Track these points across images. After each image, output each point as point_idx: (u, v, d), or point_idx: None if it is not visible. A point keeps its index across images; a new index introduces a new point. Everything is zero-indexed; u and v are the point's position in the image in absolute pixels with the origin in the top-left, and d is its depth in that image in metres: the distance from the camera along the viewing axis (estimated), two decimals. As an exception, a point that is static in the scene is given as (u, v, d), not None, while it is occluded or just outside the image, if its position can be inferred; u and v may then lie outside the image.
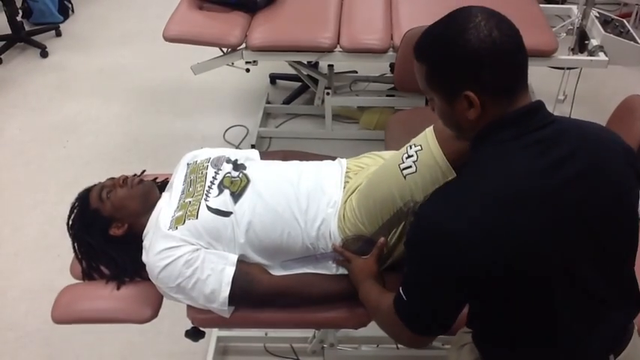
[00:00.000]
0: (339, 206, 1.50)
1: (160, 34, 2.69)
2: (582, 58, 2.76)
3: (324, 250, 1.49)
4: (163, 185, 1.74)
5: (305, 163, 1.66)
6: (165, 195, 1.64)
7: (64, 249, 1.66)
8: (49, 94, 3.68)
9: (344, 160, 1.66)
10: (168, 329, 2.18)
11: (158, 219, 1.51)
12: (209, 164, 1.62)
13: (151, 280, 1.48)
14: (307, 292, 1.47)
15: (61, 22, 4.35)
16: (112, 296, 1.55)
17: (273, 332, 2.18)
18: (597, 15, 2.81)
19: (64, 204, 1.66)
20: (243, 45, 2.71)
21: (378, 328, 1.30)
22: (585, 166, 1.06)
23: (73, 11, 4.52)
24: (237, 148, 3.16)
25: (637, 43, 2.67)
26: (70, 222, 1.63)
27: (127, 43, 4.14)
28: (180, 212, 1.50)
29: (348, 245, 1.45)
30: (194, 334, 1.61)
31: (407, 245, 1.15)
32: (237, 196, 1.52)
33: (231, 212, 1.49)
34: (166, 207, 1.55)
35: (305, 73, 3.19)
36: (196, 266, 1.42)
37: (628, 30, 2.74)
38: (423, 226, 1.08)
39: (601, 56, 2.68)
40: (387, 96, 3.31)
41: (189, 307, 1.51)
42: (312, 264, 1.51)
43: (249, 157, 1.72)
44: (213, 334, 2.19)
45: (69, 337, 2.27)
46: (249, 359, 2.22)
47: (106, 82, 3.76)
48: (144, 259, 1.47)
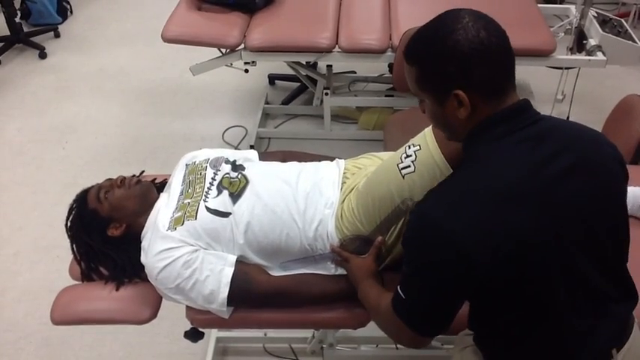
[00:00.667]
0: (336, 207, 1.50)
1: (159, 34, 2.69)
2: (580, 57, 2.76)
3: (322, 250, 1.49)
4: (162, 186, 1.74)
5: (303, 164, 1.66)
6: (164, 196, 1.64)
7: (64, 250, 1.66)
8: (48, 95, 3.67)
9: (342, 160, 1.66)
10: (168, 330, 2.18)
11: (156, 220, 1.51)
12: (208, 165, 1.62)
13: (149, 280, 1.48)
14: (306, 293, 1.47)
15: (59, 23, 4.35)
16: (110, 297, 1.55)
17: (272, 333, 2.18)
18: (595, 15, 2.81)
19: (63, 205, 1.66)
20: (242, 45, 2.71)
21: (377, 328, 1.30)
22: (576, 160, 1.08)
23: (71, 12, 4.52)
24: (236, 148, 3.16)
25: (635, 42, 2.67)
26: (68, 223, 1.62)
27: (126, 44, 4.14)
28: (179, 213, 1.50)
29: (346, 245, 1.46)
30: (193, 335, 1.61)
31: (404, 244, 1.15)
32: (235, 196, 1.52)
33: (230, 213, 1.49)
34: (165, 208, 1.55)
35: (304, 74, 3.19)
36: (195, 267, 1.42)
37: (626, 30, 2.74)
38: (420, 224, 1.09)
39: (599, 56, 2.69)
40: (386, 96, 3.32)
41: (188, 308, 1.50)
42: (310, 265, 1.51)
43: (248, 157, 1.72)
44: (212, 335, 2.19)
45: (68, 337, 2.27)
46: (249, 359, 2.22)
47: (104, 83, 3.76)
48: (142, 260, 1.47)
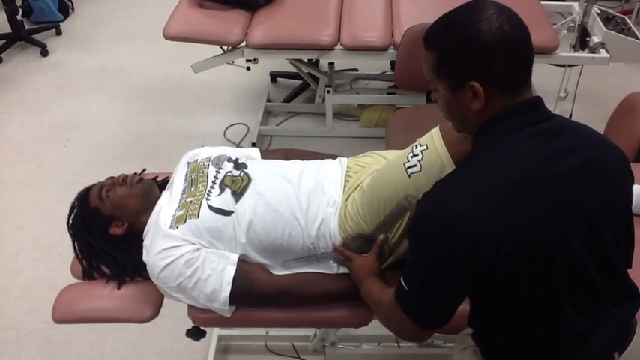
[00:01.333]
0: (339, 205, 1.50)
1: (160, 32, 2.69)
2: (583, 55, 2.75)
3: (325, 249, 1.48)
4: (164, 184, 1.74)
5: (306, 162, 1.65)
6: (166, 194, 1.64)
7: (65, 248, 1.66)
8: (50, 92, 3.67)
9: (344, 159, 1.66)
10: (169, 328, 2.18)
11: (158, 218, 1.50)
12: (210, 163, 1.62)
13: (151, 279, 1.48)
14: (308, 291, 1.47)
15: (61, 21, 4.34)
16: (112, 295, 1.55)
17: (274, 331, 2.18)
18: (598, 12, 2.80)
19: (64, 203, 1.66)
20: (244, 43, 2.71)
21: (380, 326, 1.30)
22: (585, 159, 1.08)
23: (73, 10, 4.51)
24: (238, 146, 3.16)
25: (638, 39, 2.66)
26: (70, 221, 1.62)
27: (128, 41, 4.13)
28: (182, 211, 1.49)
29: (349, 244, 1.45)
30: (195, 334, 1.61)
31: (409, 233, 1.15)
32: (238, 195, 1.51)
33: (232, 211, 1.48)
34: (167, 206, 1.55)
35: (305, 71, 3.18)
36: (197, 266, 1.42)
37: (629, 27, 2.73)
38: (426, 212, 1.08)
39: (602, 53, 2.68)
40: (388, 94, 3.31)
41: (190, 307, 1.50)
42: (313, 263, 1.50)
43: (250, 156, 1.72)
44: (214, 333, 2.19)
45: (70, 336, 2.27)
46: (251, 358, 2.22)
47: (106, 81, 3.75)
48: (144, 258, 1.47)
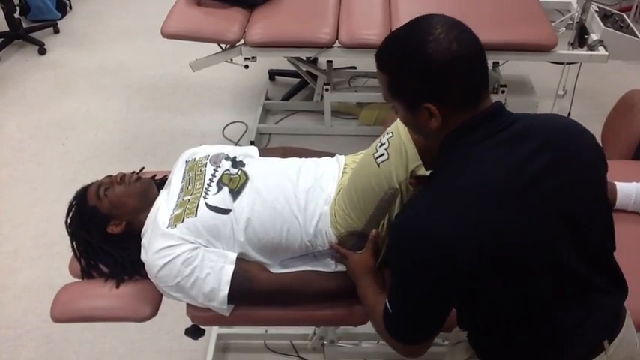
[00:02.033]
0: (331, 203, 1.50)
1: (158, 30, 2.68)
2: (582, 52, 2.75)
3: (322, 247, 1.48)
4: (162, 183, 1.73)
5: (304, 160, 1.65)
6: (164, 193, 1.64)
7: (64, 247, 1.66)
8: (48, 91, 3.67)
9: (342, 156, 1.66)
10: (168, 327, 2.18)
11: (156, 217, 1.50)
12: (208, 162, 1.62)
13: (150, 278, 1.47)
14: (307, 290, 1.47)
15: (58, 19, 4.33)
16: (111, 294, 1.55)
17: (273, 329, 2.18)
18: (597, 9, 2.80)
19: (63, 201, 1.66)
20: (242, 41, 2.70)
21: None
22: (556, 156, 1.07)
23: (70, 8, 4.50)
24: (237, 144, 3.16)
25: (637, 37, 2.66)
26: (68, 220, 1.62)
27: (126, 39, 4.13)
28: (179, 210, 1.49)
29: (344, 242, 1.45)
30: (194, 332, 1.61)
31: (389, 255, 1.15)
32: (236, 193, 1.51)
33: (230, 210, 1.48)
34: (165, 205, 1.55)
35: (304, 69, 3.18)
36: (195, 265, 1.41)
37: (628, 24, 2.73)
38: (402, 234, 1.08)
39: (601, 51, 2.67)
40: (387, 92, 3.30)
41: (188, 305, 1.50)
42: (311, 262, 1.50)
43: (248, 154, 1.72)
44: (213, 332, 2.19)
45: (68, 334, 2.27)
46: (250, 356, 2.22)
47: (104, 79, 3.75)
48: (143, 257, 1.47)
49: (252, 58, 2.77)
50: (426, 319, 1.12)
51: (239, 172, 1.57)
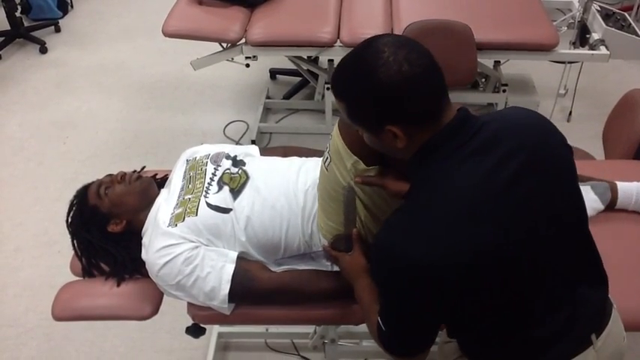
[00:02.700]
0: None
1: (160, 29, 2.68)
2: (583, 52, 2.75)
3: (318, 248, 1.49)
4: (163, 182, 1.73)
5: (304, 159, 1.65)
6: (164, 191, 1.64)
7: (65, 245, 1.66)
8: (49, 90, 3.67)
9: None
10: (169, 325, 2.18)
11: (157, 216, 1.50)
12: (208, 160, 1.62)
13: (150, 277, 1.47)
14: (307, 289, 1.47)
15: (60, 18, 4.33)
16: (112, 293, 1.55)
17: (274, 328, 2.18)
18: (598, 8, 2.80)
19: (64, 200, 1.66)
20: (243, 40, 2.70)
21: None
22: (525, 159, 1.06)
23: (72, 7, 4.50)
24: (238, 143, 3.16)
25: (638, 36, 2.65)
26: (68, 219, 1.62)
27: (127, 38, 4.13)
28: (180, 209, 1.49)
29: (337, 245, 1.44)
30: (195, 331, 1.61)
31: (374, 279, 1.14)
32: (236, 192, 1.51)
33: (230, 209, 1.48)
34: (165, 204, 1.55)
35: (305, 68, 3.18)
36: (196, 264, 1.41)
37: (629, 23, 2.73)
38: (384, 258, 1.07)
39: (602, 50, 2.67)
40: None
41: (189, 304, 1.50)
42: (307, 262, 1.50)
43: (249, 153, 1.72)
44: (214, 330, 2.19)
45: (69, 333, 2.27)
46: (250, 355, 2.22)
47: (105, 78, 3.75)
48: (143, 256, 1.47)
49: (253, 57, 2.77)
50: (419, 334, 1.13)
51: (239, 171, 1.57)
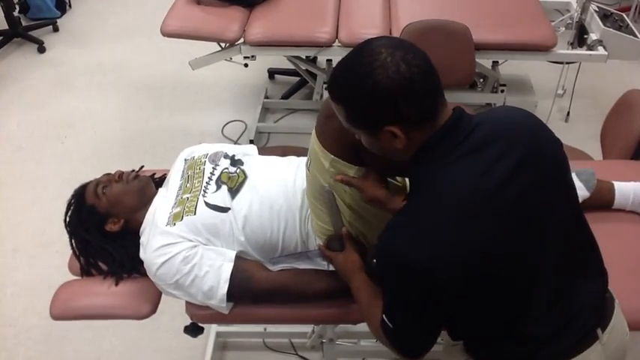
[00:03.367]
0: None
1: (158, 29, 2.68)
2: (581, 52, 2.75)
3: (315, 246, 1.49)
4: (161, 181, 1.73)
5: (302, 158, 1.65)
6: (162, 191, 1.64)
7: (63, 245, 1.66)
8: (47, 89, 3.66)
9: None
10: (167, 325, 2.18)
11: (155, 215, 1.50)
12: (207, 160, 1.62)
13: (149, 276, 1.47)
14: (305, 288, 1.47)
15: (58, 18, 4.33)
16: (110, 292, 1.55)
17: (272, 327, 2.18)
18: (596, 9, 2.80)
19: (62, 200, 1.66)
20: (242, 40, 2.70)
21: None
22: (520, 157, 1.07)
23: (70, 6, 4.50)
24: (236, 143, 3.16)
25: (636, 37, 2.66)
26: (67, 219, 1.62)
27: (125, 38, 4.12)
28: (178, 208, 1.49)
29: (332, 245, 1.44)
30: (193, 330, 1.61)
31: (379, 279, 1.15)
32: (234, 192, 1.51)
33: (229, 208, 1.48)
34: (163, 203, 1.55)
35: (303, 68, 3.18)
36: (194, 263, 1.41)
37: (627, 24, 2.73)
38: (387, 260, 1.08)
39: (600, 50, 2.68)
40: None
41: (188, 303, 1.50)
42: (304, 261, 1.51)
43: (247, 152, 1.72)
44: (212, 330, 2.19)
45: (68, 333, 2.27)
46: (249, 354, 2.22)
47: (103, 78, 3.74)
48: (141, 255, 1.47)
49: (252, 56, 2.78)
50: (425, 332, 1.14)
51: (237, 171, 1.57)
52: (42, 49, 3.99)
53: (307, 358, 2.17)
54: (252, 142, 3.04)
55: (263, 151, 1.79)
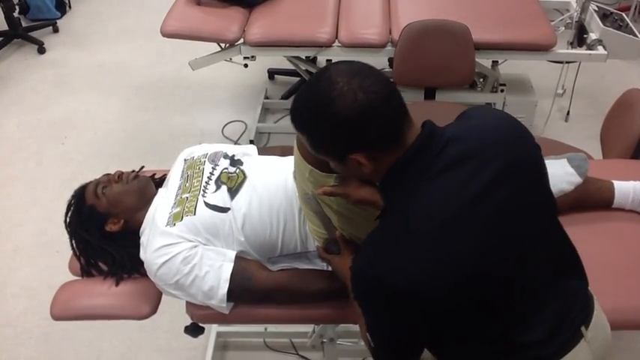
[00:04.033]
0: None
1: (158, 29, 2.68)
2: (581, 52, 2.75)
3: (313, 247, 1.49)
4: (161, 181, 1.74)
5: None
6: (162, 191, 1.64)
7: (63, 245, 1.66)
8: (47, 90, 3.67)
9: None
10: (168, 325, 2.19)
11: (155, 215, 1.50)
12: (206, 160, 1.62)
13: (149, 276, 1.48)
14: (306, 288, 1.47)
15: (58, 18, 4.34)
16: (110, 293, 1.55)
17: (272, 327, 2.18)
18: (596, 8, 2.80)
19: (62, 200, 1.66)
20: (241, 40, 2.70)
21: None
22: (498, 166, 1.06)
23: (70, 7, 4.50)
24: (236, 143, 3.16)
25: (636, 36, 2.66)
26: (67, 219, 1.62)
27: (125, 38, 4.13)
28: (178, 208, 1.49)
29: (330, 247, 1.43)
30: (193, 330, 1.61)
31: (356, 300, 1.13)
32: (234, 192, 1.52)
33: (228, 208, 1.48)
34: (163, 203, 1.55)
35: (303, 68, 3.18)
36: (194, 263, 1.41)
37: (627, 24, 2.73)
38: (364, 285, 1.07)
39: (600, 50, 2.68)
40: (386, 91, 3.31)
41: (188, 303, 1.50)
42: (302, 262, 1.51)
43: (247, 152, 1.72)
44: (212, 330, 2.19)
45: (68, 333, 2.27)
46: (249, 354, 2.22)
47: (104, 78, 3.75)
48: (142, 256, 1.47)
49: (252, 57, 2.78)
50: (408, 351, 1.14)
51: (237, 171, 1.57)
52: (42, 50, 3.99)
53: (308, 357, 2.17)
54: (252, 142, 3.04)
55: (263, 151, 1.79)
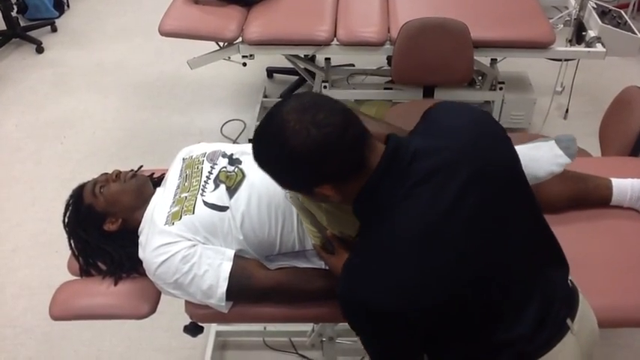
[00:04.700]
0: None
1: (156, 28, 2.68)
2: (580, 49, 2.75)
3: (311, 248, 1.49)
4: (160, 181, 1.73)
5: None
6: (160, 190, 1.64)
7: (62, 245, 1.66)
8: (46, 89, 3.66)
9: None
10: (167, 324, 2.19)
11: (153, 214, 1.50)
12: (205, 159, 1.62)
13: (148, 276, 1.47)
14: (305, 287, 1.47)
15: (56, 18, 4.33)
16: (109, 292, 1.55)
17: (272, 326, 2.18)
18: (595, 6, 2.80)
19: (61, 200, 1.65)
20: (240, 39, 2.70)
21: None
22: (468, 172, 1.05)
23: (68, 6, 4.50)
24: (235, 142, 3.16)
25: (634, 33, 2.66)
26: (65, 219, 1.62)
27: (123, 38, 4.12)
28: (177, 208, 1.49)
29: (328, 247, 1.43)
30: (193, 330, 1.61)
31: (347, 321, 1.14)
32: (232, 190, 1.51)
33: (227, 207, 1.48)
34: (161, 202, 1.55)
35: (302, 67, 3.18)
36: (193, 262, 1.41)
37: (625, 21, 2.73)
38: (350, 308, 1.07)
39: (598, 47, 2.68)
40: (385, 89, 3.30)
41: (187, 303, 1.50)
42: (300, 260, 1.51)
43: (245, 151, 1.71)
44: (212, 329, 2.19)
45: (67, 333, 2.27)
46: (248, 353, 2.22)
47: (102, 78, 3.74)
48: (140, 255, 1.47)
49: (250, 55, 2.78)
50: (404, 358, 1.15)
51: (236, 170, 1.57)
52: (40, 50, 3.99)
53: (307, 356, 2.17)
54: (250, 141, 3.04)
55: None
